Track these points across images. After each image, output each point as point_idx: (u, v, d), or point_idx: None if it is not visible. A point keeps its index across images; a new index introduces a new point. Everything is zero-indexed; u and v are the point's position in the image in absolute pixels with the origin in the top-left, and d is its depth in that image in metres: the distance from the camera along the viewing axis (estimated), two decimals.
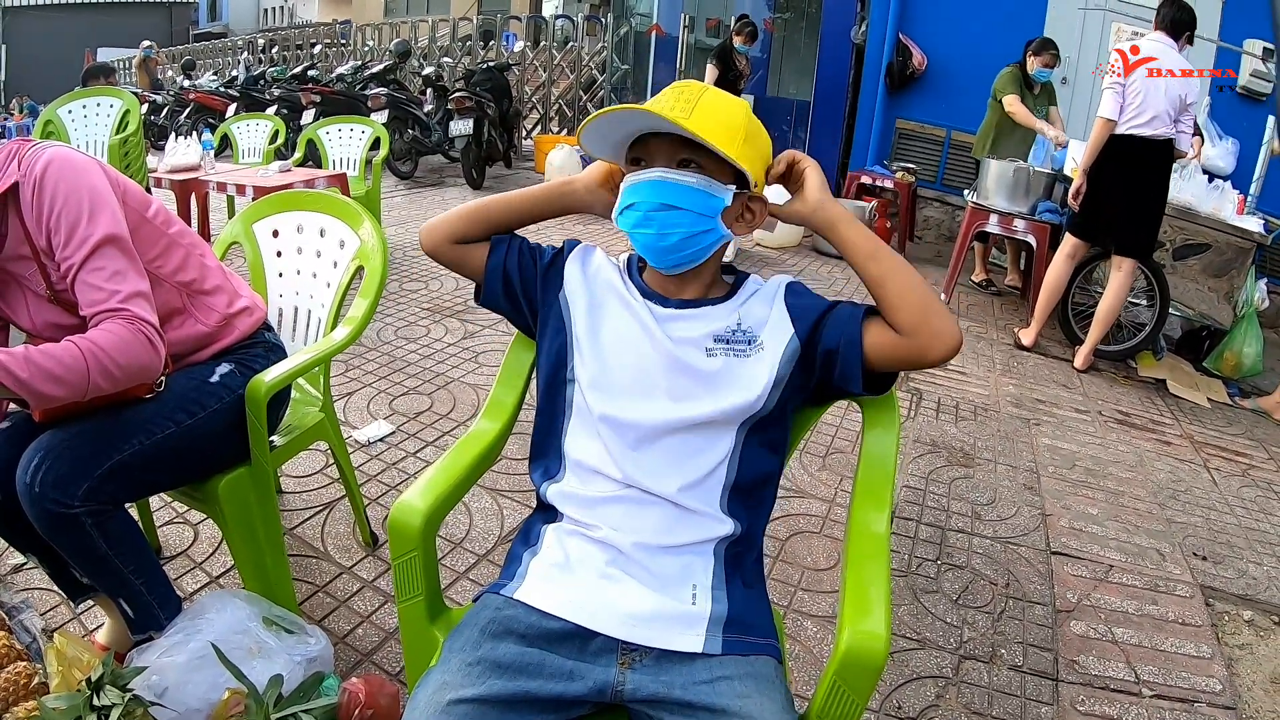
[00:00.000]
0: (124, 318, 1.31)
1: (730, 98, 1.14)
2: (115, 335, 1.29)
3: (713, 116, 1.08)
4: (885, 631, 0.92)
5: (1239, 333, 4.60)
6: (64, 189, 1.34)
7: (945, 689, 1.90)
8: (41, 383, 1.21)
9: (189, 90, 10.68)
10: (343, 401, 3.05)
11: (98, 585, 1.50)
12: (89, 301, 1.32)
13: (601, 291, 1.21)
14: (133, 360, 1.31)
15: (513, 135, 9.38)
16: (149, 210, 1.52)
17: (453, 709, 0.93)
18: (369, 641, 1.88)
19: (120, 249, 1.36)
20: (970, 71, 6.66)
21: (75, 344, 1.26)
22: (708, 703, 0.95)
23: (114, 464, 1.37)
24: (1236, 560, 2.65)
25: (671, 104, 1.08)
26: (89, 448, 1.36)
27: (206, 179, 4.29)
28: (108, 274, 1.33)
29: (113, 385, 1.30)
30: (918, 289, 1.09)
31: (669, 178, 1.09)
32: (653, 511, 1.10)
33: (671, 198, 1.09)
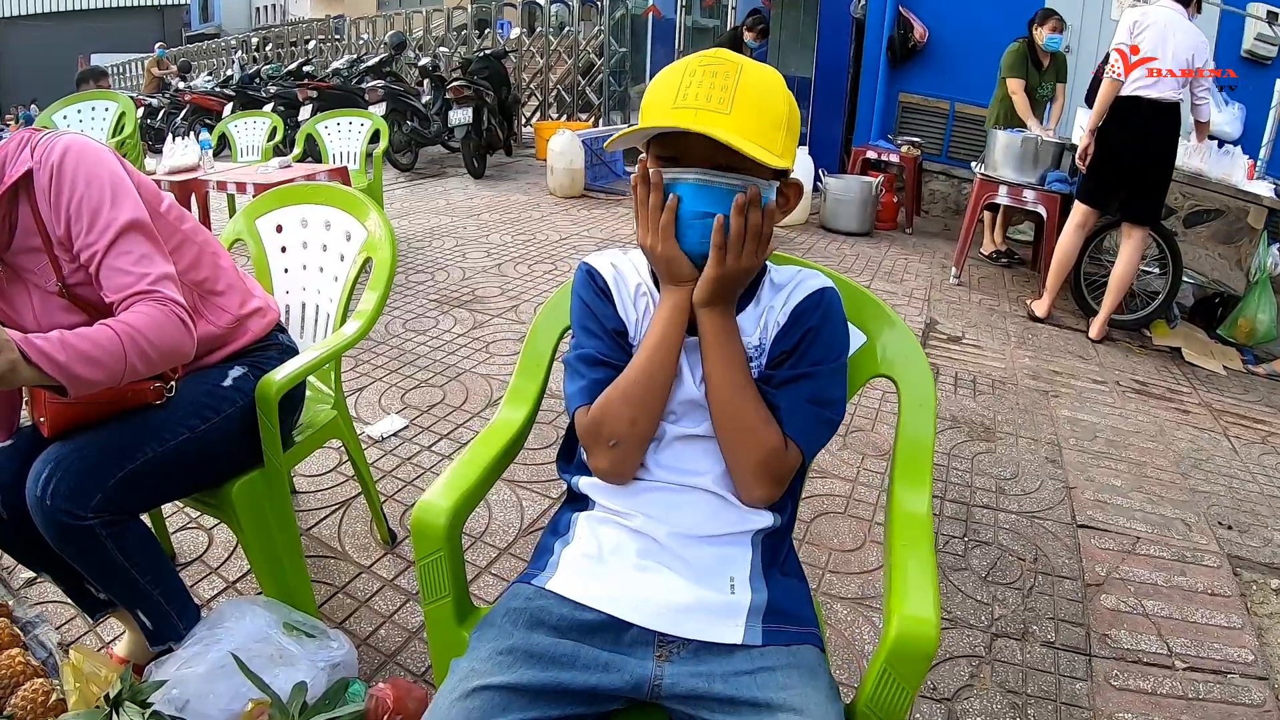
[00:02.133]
0: (155, 299, 1.29)
1: (768, 74, 1.01)
2: (149, 316, 1.27)
3: (755, 108, 0.96)
4: (935, 616, 0.88)
5: (1253, 299, 4.55)
6: (84, 175, 1.31)
7: (979, 668, 1.87)
8: (79, 365, 1.18)
9: (185, 92, 10.63)
10: (354, 397, 3.02)
11: (113, 597, 1.46)
12: (117, 286, 1.29)
13: (640, 315, 1.13)
14: (167, 340, 1.28)
15: (512, 123, 9.33)
16: (162, 206, 1.49)
17: (479, 694, 0.90)
18: (392, 642, 1.85)
19: (145, 234, 1.34)
20: (972, 42, 6.60)
21: (109, 326, 1.23)
22: (750, 696, 0.91)
23: (126, 473, 1.33)
24: (1261, 529, 2.63)
25: (707, 94, 0.96)
26: (100, 457, 1.32)
27: (206, 179, 4.25)
28: (135, 258, 1.31)
29: (149, 368, 1.28)
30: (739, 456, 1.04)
31: (710, 181, 0.98)
32: (691, 501, 1.06)
33: (714, 205, 0.98)
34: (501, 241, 5.44)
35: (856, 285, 1.29)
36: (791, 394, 1.05)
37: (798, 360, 1.07)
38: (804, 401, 1.05)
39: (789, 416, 1.04)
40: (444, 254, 5.08)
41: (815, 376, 1.06)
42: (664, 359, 1.04)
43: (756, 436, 1.02)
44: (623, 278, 1.14)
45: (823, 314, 1.08)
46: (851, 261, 5.55)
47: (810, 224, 6.56)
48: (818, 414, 1.06)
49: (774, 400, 1.05)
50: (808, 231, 6.37)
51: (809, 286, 1.10)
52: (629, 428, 1.04)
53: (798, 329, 1.07)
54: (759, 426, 1.03)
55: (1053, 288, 4.59)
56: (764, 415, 1.04)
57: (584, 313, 1.14)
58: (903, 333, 1.23)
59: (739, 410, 1.03)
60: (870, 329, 1.24)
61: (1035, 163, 4.85)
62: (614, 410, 1.05)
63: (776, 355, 1.08)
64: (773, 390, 1.06)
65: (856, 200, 6.23)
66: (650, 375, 1.04)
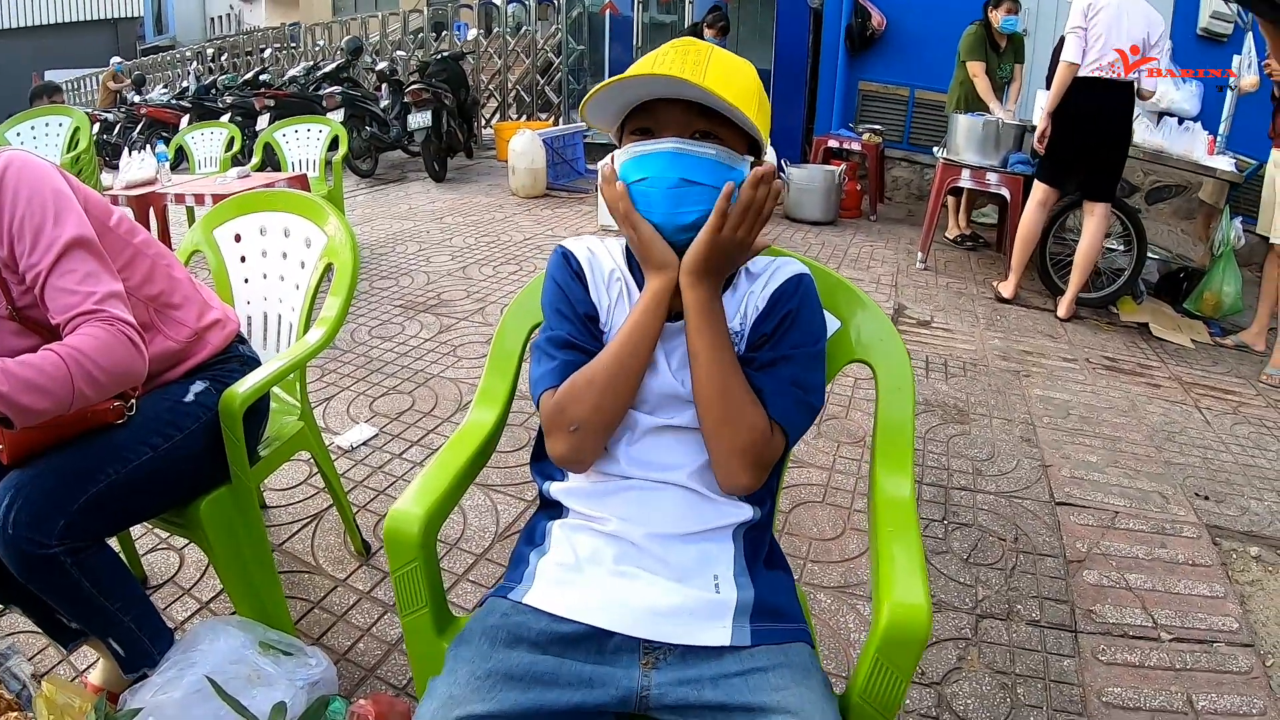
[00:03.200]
0: (102, 319, 1.23)
1: (737, 58, 1.03)
2: (95, 338, 1.21)
3: (727, 79, 0.97)
4: (926, 602, 0.87)
5: (1217, 272, 4.60)
6: (25, 192, 1.26)
7: (966, 650, 1.87)
8: (24, 394, 1.12)
9: (140, 105, 10.44)
10: (322, 407, 2.96)
11: (83, 626, 1.41)
12: (62, 307, 1.24)
13: (613, 300, 1.10)
14: (116, 363, 1.23)
15: (472, 125, 9.25)
16: (111, 219, 1.44)
17: None
18: (372, 656, 1.80)
19: (90, 251, 1.29)
20: (930, 29, 6.63)
21: (54, 351, 1.17)
22: (742, 701, 0.88)
23: (90, 497, 1.28)
24: (1238, 498, 2.65)
25: (682, 64, 0.97)
26: (62, 483, 1.26)
27: (164, 192, 4.16)
28: (80, 276, 1.25)
29: (98, 392, 1.22)
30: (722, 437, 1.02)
31: (686, 150, 0.97)
32: (666, 499, 1.03)
33: (690, 172, 0.97)
34: (465, 244, 5.39)
35: (828, 270, 1.27)
36: (774, 376, 1.03)
37: (778, 343, 1.05)
38: (787, 384, 1.03)
39: (773, 399, 1.02)
40: (408, 259, 5.02)
41: (795, 360, 1.05)
42: (638, 345, 1.02)
43: (743, 418, 1.00)
44: (598, 262, 1.12)
45: (800, 298, 1.07)
46: (817, 250, 5.55)
47: (775, 214, 6.51)
48: (800, 397, 1.04)
49: (757, 383, 1.03)
50: (772, 222, 6.36)
51: (786, 272, 1.10)
52: (592, 413, 1.01)
53: (776, 312, 1.06)
54: (745, 407, 1.00)
55: (1018, 268, 4.62)
56: (750, 396, 1.01)
57: (556, 294, 1.11)
58: (877, 316, 1.21)
59: (725, 390, 1.00)
60: (843, 314, 1.22)
61: (997, 145, 4.88)
62: (579, 394, 1.02)
63: (756, 338, 1.06)
64: (754, 373, 1.04)
65: (820, 189, 6.24)
66: (621, 361, 1.02)
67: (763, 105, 1.03)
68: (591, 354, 1.05)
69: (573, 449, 1.03)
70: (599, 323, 1.09)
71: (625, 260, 1.13)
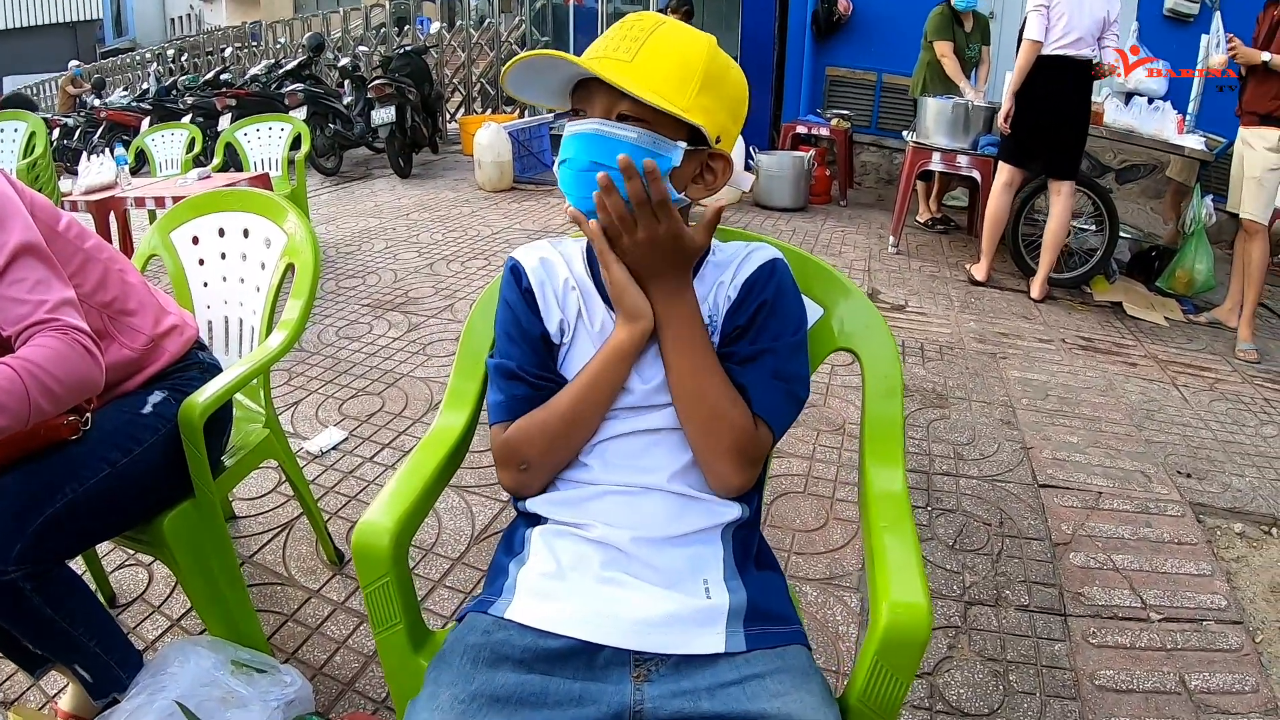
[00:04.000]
0: (55, 328, 1.18)
1: (691, 34, 0.97)
2: (50, 349, 1.15)
3: (661, 60, 0.92)
4: (925, 600, 0.82)
5: (1189, 250, 4.63)
6: None
7: (956, 638, 1.84)
8: None
9: (100, 109, 10.24)
10: (290, 412, 2.89)
11: (47, 653, 1.34)
12: (13, 318, 1.17)
13: (569, 317, 1.05)
14: (73, 373, 1.17)
15: (437, 119, 9.14)
16: (60, 224, 1.37)
17: None
18: (349, 669, 1.74)
19: (38, 257, 1.22)
20: (897, 13, 6.62)
21: (8, 364, 1.11)
22: (741, 710, 0.83)
23: (47, 519, 1.22)
24: (1219, 474, 2.65)
25: (615, 45, 0.94)
26: (16, 505, 1.20)
27: (124, 195, 4.06)
28: (29, 285, 1.19)
29: (55, 405, 1.16)
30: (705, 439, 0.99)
31: (603, 130, 0.93)
32: (650, 501, 0.98)
33: (605, 156, 0.92)
34: (432, 240, 5.31)
35: (806, 254, 1.22)
36: (756, 371, 0.99)
37: (756, 335, 1.01)
38: (770, 378, 0.99)
39: (757, 394, 0.99)
40: (374, 257, 4.93)
41: (777, 352, 1.00)
42: (597, 400, 0.99)
43: (727, 419, 0.96)
44: (551, 273, 1.06)
45: (776, 286, 1.02)
46: (788, 237, 5.52)
47: (744, 202, 6.53)
48: (785, 390, 1.00)
49: (739, 379, 0.99)
50: (742, 209, 6.34)
51: (758, 259, 1.04)
52: (542, 456, 1.01)
53: (751, 302, 1.01)
54: (728, 409, 0.97)
55: (988, 250, 4.63)
56: (731, 395, 0.97)
57: (506, 316, 1.07)
58: (861, 303, 1.16)
59: (705, 394, 0.97)
60: (826, 300, 1.17)
61: (967, 128, 4.88)
62: (530, 437, 1.01)
63: (731, 331, 1.02)
64: (736, 368, 1.00)
65: (789, 176, 6.22)
66: (578, 412, 1.00)
67: (713, 88, 0.96)
68: (540, 385, 1.02)
69: (520, 484, 1.03)
70: (553, 342, 1.05)
71: (585, 262, 1.07)
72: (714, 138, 0.97)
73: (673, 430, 1.00)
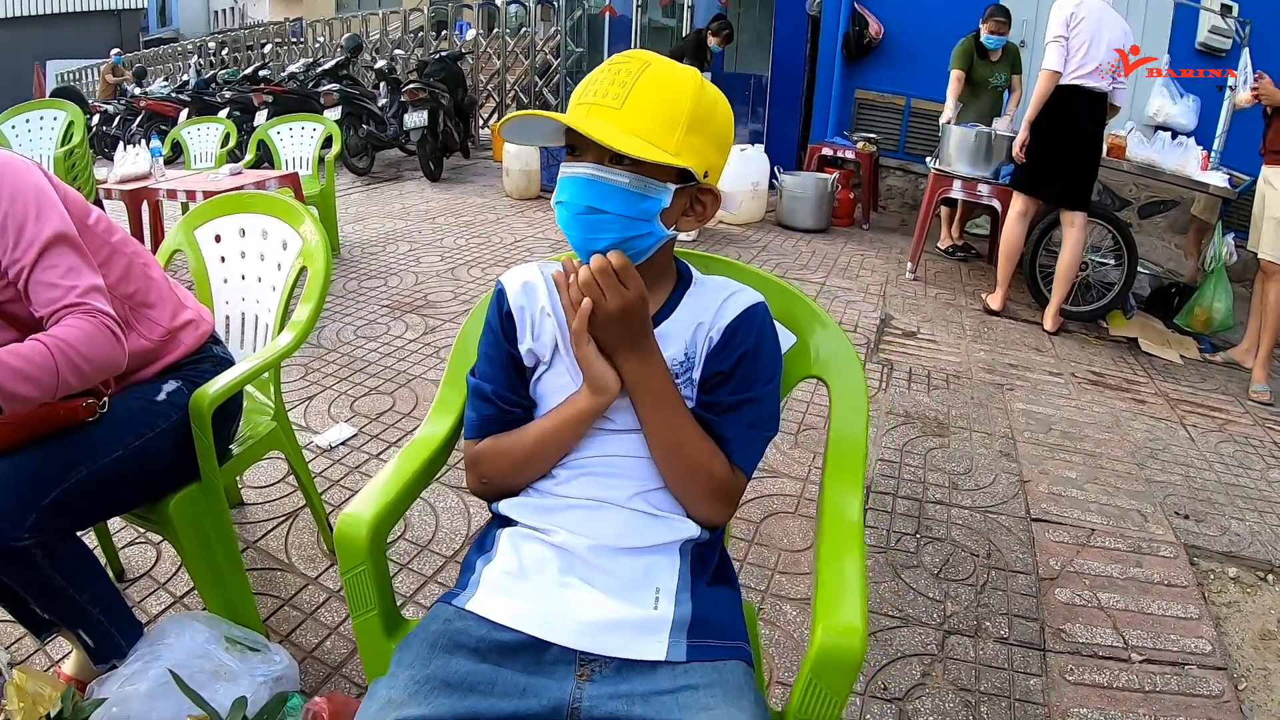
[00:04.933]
0: (84, 311, 1.28)
1: (677, 74, 1.00)
2: (79, 329, 1.26)
3: (649, 105, 0.96)
4: (862, 625, 0.87)
5: (1208, 288, 4.60)
6: (7, 190, 1.30)
7: (931, 666, 1.86)
8: (12, 382, 1.16)
9: (140, 98, 10.44)
10: (303, 406, 2.97)
11: (54, 618, 1.43)
12: (45, 300, 1.28)
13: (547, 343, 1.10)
14: (99, 353, 1.27)
15: (469, 125, 9.26)
16: (89, 218, 1.47)
17: None
18: (338, 654, 1.81)
19: (71, 246, 1.33)
20: (928, 38, 6.64)
21: (41, 341, 1.22)
22: (669, 718, 0.88)
23: (60, 493, 1.31)
24: (1219, 517, 2.64)
25: (604, 90, 0.97)
26: (35, 477, 1.30)
27: (157, 186, 4.17)
28: (62, 271, 1.30)
29: (81, 381, 1.27)
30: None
31: (597, 176, 0.97)
32: (612, 516, 1.04)
33: (598, 200, 0.97)
34: (456, 245, 5.39)
35: (787, 285, 1.27)
36: (736, 422, 1.06)
37: (737, 385, 1.06)
38: (747, 428, 1.06)
39: (736, 446, 1.06)
40: (398, 259, 5.02)
41: (756, 401, 1.06)
42: (551, 451, 1.08)
43: (705, 469, 1.03)
44: (531, 298, 1.12)
45: (757, 333, 1.08)
46: (807, 258, 5.55)
47: (767, 221, 6.57)
48: (759, 437, 1.08)
49: (719, 430, 1.06)
50: (764, 229, 6.38)
51: (741, 303, 1.09)
52: (500, 479, 1.10)
53: (734, 350, 1.06)
54: (706, 459, 1.04)
55: (1004, 279, 4.64)
56: (708, 447, 1.04)
57: (486, 338, 1.14)
58: (834, 333, 1.21)
59: (683, 448, 1.03)
60: (801, 330, 1.22)
61: (989, 157, 4.89)
62: (494, 459, 1.09)
63: (712, 374, 1.07)
64: (717, 418, 1.06)
65: (812, 197, 6.25)
66: (532, 455, 1.08)
67: (699, 127, 0.99)
68: (508, 410, 1.10)
69: (482, 492, 1.13)
70: (526, 365, 1.11)
71: None
72: (702, 174, 1.02)
73: (645, 458, 1.06)
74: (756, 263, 5.26)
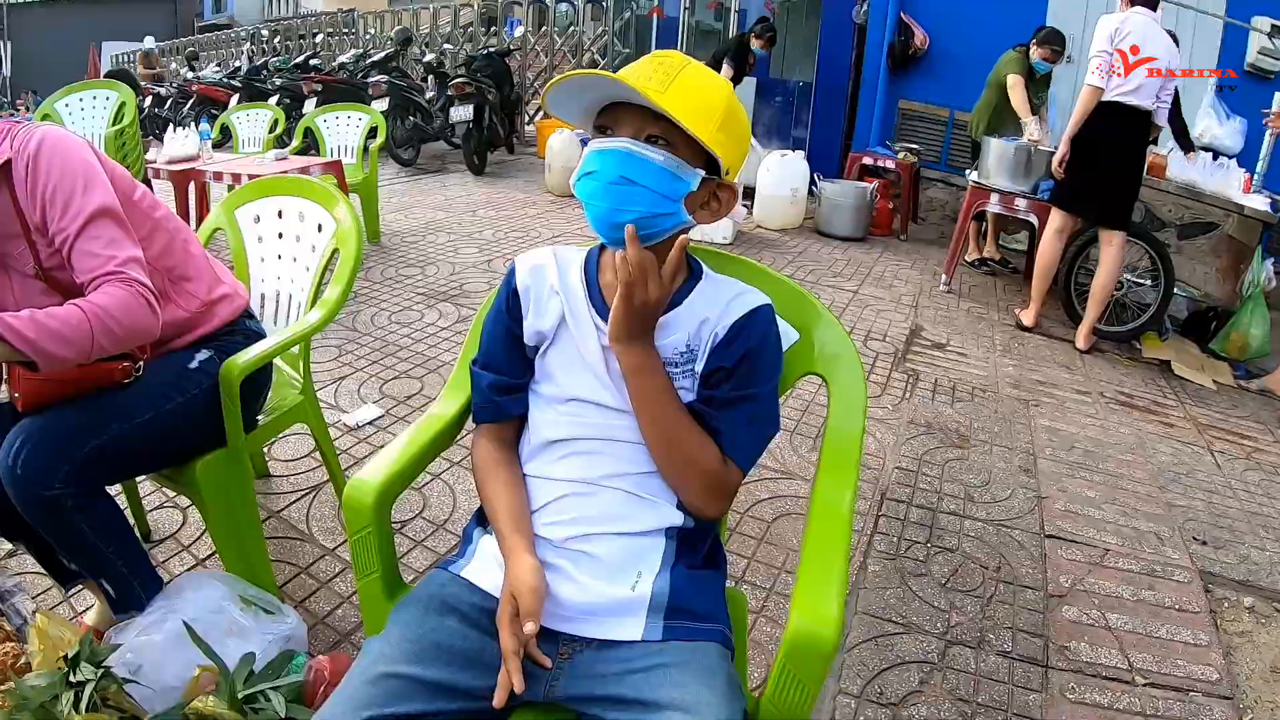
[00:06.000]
0: (122, 280, 1.36)
1: (713, 76, 1.05)
2: (115, 297, 1.34)
3: (690, 94, 1.00)
4: (837, 616, 0.89)
5: (1245, 313, 4.53)
6: (59, 164, 1.38)
7: (930, 674, 1.87)
8: (50, 343, 1.25)
9: (192, 82, 10.67)
10: (334, 386, 3.04)
11: (79, 566, 1.53)
12: (86, 268, 1.36)
13: (551, 321, 1.14)
14: (133, 320, 1.35)
15: (514, 121, 9.35)
16: (135, 194, 1.55)
17: (386, 680, 0.92)
18: (349, 622, 1.88)
19: (114, 219, 1.41)
20: (973, 51, 6.60)
21: (78, 306, 1.30)
22: (638, 695, 0.92)
23: (94, 448, 1.39)
24: (1238, 545, 2.60)
25: (649, 74, 1.01)
26: (70, 432, 1.38)
27: (204, 168, 4.29)
28: (104, 241, 1.38)
29: (115, 345, 1.35)
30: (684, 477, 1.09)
31: (634, 150, 1.00)
32: (602, 498, 1.08)
33: (633, 172, 1.00)
34: (494, 238, 5.47)
35: (794, 285, 1.30)
36: (733, 417, 1.09)
37: (738, 382, 1.09)
38: (744, 424, 1.09)
39: (730, 440, 1.08)
40: (436, 249, 5.11)
41: (755, 399, 1.09)
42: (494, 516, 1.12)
43: (696, 462, 1.07)
44: (539, 279, 1.16)
45: (761, 334, 1.11)
46: (842, 266, 5.55)
47: (805, 228, 6.57)
48: (758, 434, 1.11)
49: (715, 424, 1.09)
50: (801, 235, 6.38)
51: (748, 303, 1.12)
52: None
53: (737, 347, 1.09)
54: (696, 452, 1.07)
55: (1038, 296, 4.60)
56: (699, 439, 1.07)
57: (491, 316, 1.20)
58: (837, 333, 1.24)
59: (674, 440, 1.07)
60: (806, 327, 1.25)
61: (1028, 171, 4.85)
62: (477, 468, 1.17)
63: (714, 369, 1.10)
64: (714, 412, 1.09)
65: (851, 205, 6.25)
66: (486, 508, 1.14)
67: (728, 126, 1.04)
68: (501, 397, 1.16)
69: None
70: (528, 342, 1.16)
71: (583, 270, 1.16)
72: (725, 170, 1.06)
73: (637, 443, 1.09)
74: (791, 268, 5.28)
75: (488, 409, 1.17)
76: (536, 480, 1.12)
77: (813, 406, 3.19)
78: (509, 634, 0.95)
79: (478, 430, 1.19)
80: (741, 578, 2.15)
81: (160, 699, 1.36)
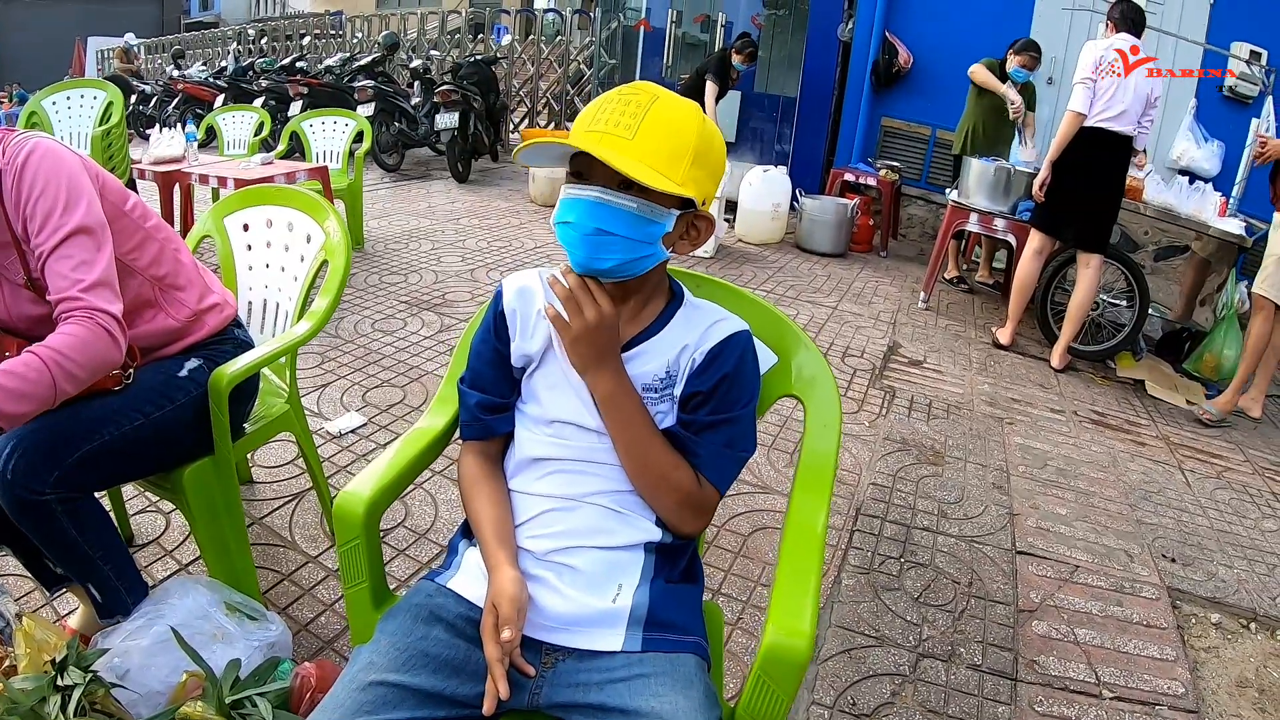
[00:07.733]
0: (83, 311, 1.34)
1: (682, 108, 1.05)
2: (74, 337, 1.32)
3: (660, 135, 1.01)
4: (810, 629, 0.93)
5: (1219, 334, 4.61)
6: (43, 178, 1.38)
7: (901, 686, 1.91)
8: (10, 404, 1.24)
9: (178, 80, 10.63)
10: (317, 393, 3.06)
11: (66, 570, 1.54)
12: (55, 288, 1.36)
13: (538, 344, 1.17)
14: (91, 358, 1.34)
15: (499, 129, 9.37)
16: (127, 204, 1.56)
17: (375, 688, 0.95)
18: (331, 629, 1.90)
19: (91, 240, 1.40)
20: (956, 70, 6.65)
21: (36, 354, 1.29)
22: (619, 704, 0.96)
23: (84, 453, 1.41)
24: (1206, 563, 2.65)
25: (617, 119, 1.01)
26: (60, 438, 1.40)
27: (189, 171, 4.29)
28: (74, 263, 1.37)
29: (77, 386, 1.34)
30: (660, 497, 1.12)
31: (605, 200, 1.01)
32: (583, 513, 1.11)
33: (607, 222, 1.02)
34: (478, 247, 5.49)
35: (773, 309, 1.35)
36: (710, 440, 1.12)
37: (715, 406, 1.12)
38: (721, 447, 1.12)
39: (706, 462, 1.12)
40: (419, 257, 5.12)
41: (733, 422, 1.13)
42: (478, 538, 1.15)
43: (671, 482, 1.10)
44: (527, 301, 1.19)
45: (737, 359, 1.14)
46: (822, 282, 5.61)
47: (785, 243, 6.63)
48: (734, 456, 1.14)
49: (694, 447, 1.12)
50: (782, 250, 6.44)
51: (726, 329, 1.15)
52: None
53: (714, 372, 1.12)
54: (670, 473, 1.10)
55: (1014, 315, 4.67)
56: (673, 460, 1.11)
57: (480, 336, 1.22)
58: (814, 355, 1.28)
59: (648, 463, 1.10)
60: (784, 350, 1.29)
61: (1007, 191, 4.92)
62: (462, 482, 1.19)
63: (692, 394, 1.13)
64: (693, 435, 1.12)
65: (832, 221, 6.31)
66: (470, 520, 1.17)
67: (701, 160, 1.04)
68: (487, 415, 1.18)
69: None
70: (514, 364, 1.19)
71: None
72: (700, 202, 1.08)
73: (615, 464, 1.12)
74: (771, 283, 5.32)
75: (474, 426, 1.20)
76: (521, 495, 1.16)
77: (790, 423, 3.23)
78: (492, 643, 0.98)
79: (464, 446, 1.22)
80: (718, 590, 2.19)
81: (147, 704, 1.38)
